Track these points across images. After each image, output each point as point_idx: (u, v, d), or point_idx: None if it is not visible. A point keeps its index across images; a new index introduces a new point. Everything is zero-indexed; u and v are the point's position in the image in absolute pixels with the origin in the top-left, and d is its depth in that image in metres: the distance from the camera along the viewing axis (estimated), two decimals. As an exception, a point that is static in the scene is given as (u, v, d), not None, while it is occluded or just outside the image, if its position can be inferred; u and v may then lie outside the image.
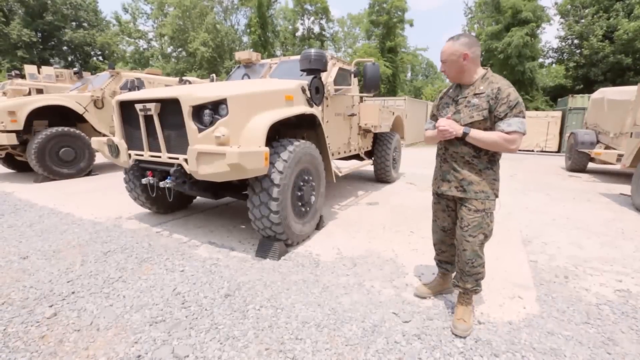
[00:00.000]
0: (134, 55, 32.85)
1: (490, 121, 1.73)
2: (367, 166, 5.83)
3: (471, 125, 1.76)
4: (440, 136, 1.81)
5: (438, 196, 2.06)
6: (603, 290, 2.36)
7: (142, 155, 3.04)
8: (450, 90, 1.95)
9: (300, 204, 3.10)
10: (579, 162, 7.92)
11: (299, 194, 3.07)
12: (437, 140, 1.92)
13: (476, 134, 1.72)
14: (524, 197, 5.28)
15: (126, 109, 3.10)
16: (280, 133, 3.46)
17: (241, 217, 4.01)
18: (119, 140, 3.16)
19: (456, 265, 1.99)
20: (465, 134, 1.73)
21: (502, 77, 1.78)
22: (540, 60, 22.21)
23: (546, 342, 1.80)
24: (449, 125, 1.75)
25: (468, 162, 1.83)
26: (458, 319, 1.88)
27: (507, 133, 1.66)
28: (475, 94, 1.77)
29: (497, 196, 1.85)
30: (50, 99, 6.13)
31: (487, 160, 1.82)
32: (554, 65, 24.20)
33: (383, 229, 3.62)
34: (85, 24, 30.07)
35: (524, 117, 1.68)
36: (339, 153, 4.53)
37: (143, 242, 3.17)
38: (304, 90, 3.38)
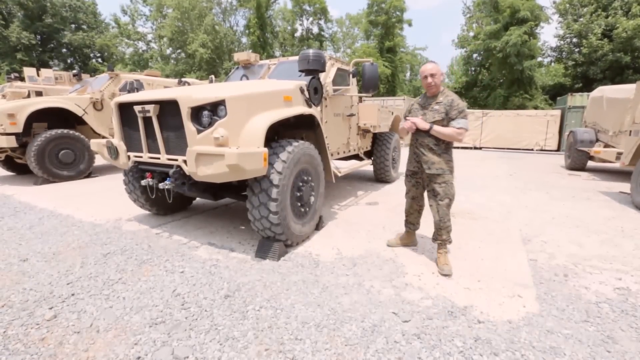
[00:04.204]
0: (133, 57, 32.88)
1: (446, 121, 2.57)
2: (367, 166, 5.83)
3: (434, 123, 2.58)
4: (409, 127, 2.64)
5: (410, 176, 2.87)
6: (602, 289, 2.37)
7: (141, 156, 3.04)
8: (420, 99, 2.78)
9: (299, 204, 3.11)
10: (578, 161, 7.92)
11: (298, 194, 3.07)
12: (408, 131, 2.70)
13: (437, 128, 2.56)
14: (524, 195, 5.29)
15: (125, 110, 3.11)
16: (279, 134, 3.46)
17: (241, 218, 4.02)
18: (118, 142, 3.16)
19: (434, 226, 2.71)
20: (430, 128, 2.56)
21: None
22: (539, 59, 22.21)
23: (546, 340, 1.80)
24: (419, 121, 2.61)
25: (431, 148, 2.63)
26: (443, 264, 2.59)
27: (458, 129, 2.52)
28: (437, 103, 2.62)
29: (451, 172, 2.65)
30: (50, 102, 6.14)
31: (444, 147, 2.63)
32: (552, 64, 24.20)
33: (383, 229, 3.62)
34: (84, 26, 30.09)
35: (467, 118, 2.55)
36: (338, 153, 4.53)
37: (143, 243, 3.17)
38: (302, 91, 3.38)
